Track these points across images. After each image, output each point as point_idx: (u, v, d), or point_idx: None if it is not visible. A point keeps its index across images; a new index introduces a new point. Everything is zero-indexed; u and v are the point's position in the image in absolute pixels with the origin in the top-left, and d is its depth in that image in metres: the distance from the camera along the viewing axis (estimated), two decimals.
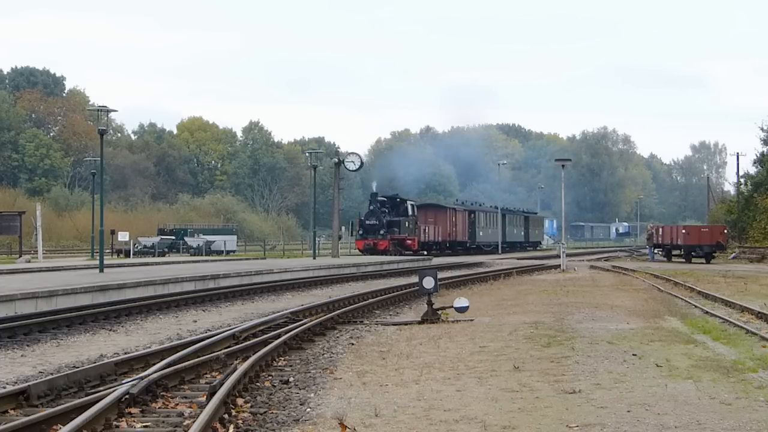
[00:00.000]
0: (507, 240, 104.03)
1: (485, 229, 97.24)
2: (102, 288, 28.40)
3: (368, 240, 73.54)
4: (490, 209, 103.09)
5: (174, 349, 15.88)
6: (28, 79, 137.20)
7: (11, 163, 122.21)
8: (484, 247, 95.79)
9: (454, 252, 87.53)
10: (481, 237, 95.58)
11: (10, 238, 73.96)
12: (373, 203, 75.88)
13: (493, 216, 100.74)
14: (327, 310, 24.30)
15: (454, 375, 13.93)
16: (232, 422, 10.75)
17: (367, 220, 74.74)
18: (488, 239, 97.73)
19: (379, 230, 73.52)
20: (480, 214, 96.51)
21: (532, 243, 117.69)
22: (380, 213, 74.38)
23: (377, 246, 72.66)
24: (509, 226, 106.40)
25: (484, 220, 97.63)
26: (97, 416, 10.19)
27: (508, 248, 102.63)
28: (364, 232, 74.23)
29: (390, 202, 76.92)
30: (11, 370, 15.12)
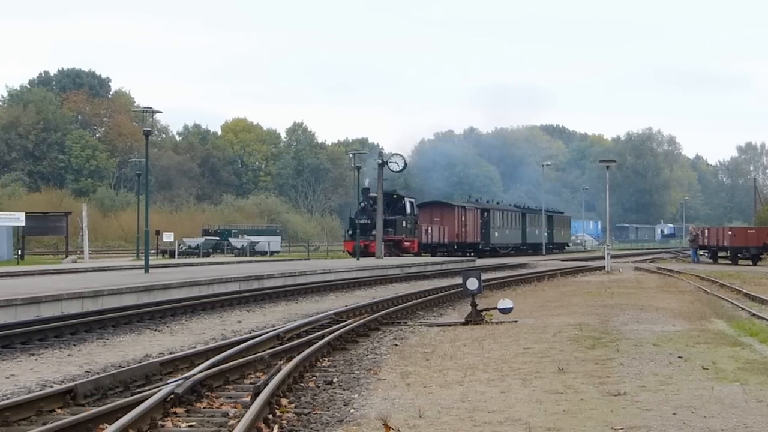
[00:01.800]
0: (527, 241, 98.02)
1: (501, 229, 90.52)
2: (147, 288, 28.57)
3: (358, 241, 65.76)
4: (509, 208, 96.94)
5: (219, 349, 15.93)
6: (75, 81, 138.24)
7: (58, 164, 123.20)
8: (500, 249, 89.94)
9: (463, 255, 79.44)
10: (497, 238, 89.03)
11: (57, 239, 74.59)
12: (365, 200, 69.06)
13: (512, 215, 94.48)
14: (371, 310, 24.31)
15: (498, 376, 13.89)
16: (277, 422, 10.77)
17: (357, 219, 67.51)
18: (505, 240, 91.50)
19: (371, 230, 66.20)
20: (495, 213, 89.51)
21: (557, 245, 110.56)
22: (372, 211, 67.09)
23: (369, 248, 65.73)
24: (530, 226, 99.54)
25: (501, 219, 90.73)
26: (142, 416, 10.24)
27: (530, 250, 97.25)
28: (354, 232, 66.53)
29: (385, 200, 68.34)
30: (58, 369, 15.24)
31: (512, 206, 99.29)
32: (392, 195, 70.98)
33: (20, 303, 22.68)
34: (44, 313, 22.97)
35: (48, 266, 46.61)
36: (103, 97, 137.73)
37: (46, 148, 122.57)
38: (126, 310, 23.61)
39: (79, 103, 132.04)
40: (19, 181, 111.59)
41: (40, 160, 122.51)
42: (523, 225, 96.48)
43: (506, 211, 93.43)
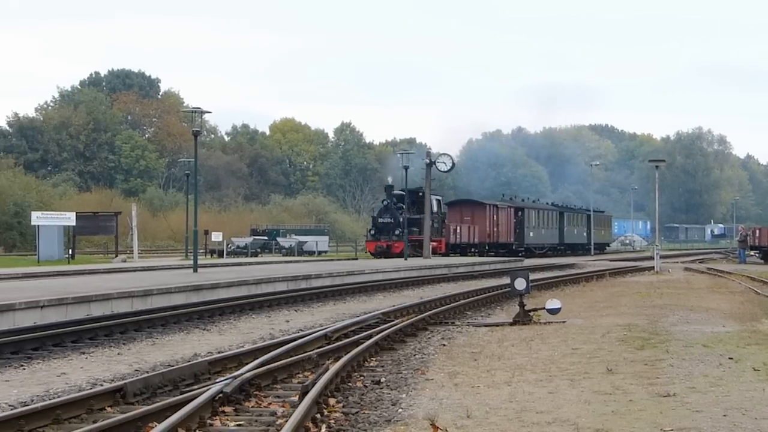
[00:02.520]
0: (565, 241, 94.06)
1: (537, 229, 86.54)
2: (196, 288, 28.73)
3: (380, 241, 64.44)
4: (545, 206, 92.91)
5: (267, 348, 15.99)
6: (124, 82, 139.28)
7: (108, 164, 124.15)
8: (536, 250, 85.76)
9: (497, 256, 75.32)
10: (532, 238, 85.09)
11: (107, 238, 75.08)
12: (388, 198, 66.68)
13: (549, 214, 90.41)
14: (418, 310, 24.30)
15: (547, 377, 13.84)
16: (324, 422, 10.79)
17: (380, 218, 65.69)
18: (541, 240, 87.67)
19: (394, 230, 64.32)
20: (530, 211, 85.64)
21: (597, 245, 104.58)
22: (396, 210, 64.93)
23: (391, 249, 63.49)
24: (568, 225, 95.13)
25: (536, 218, 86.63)
26: (191, 414, 10.30)
27: (568, 251, 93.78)
28: (377, 232, 65.07)
29: (410, 197, 66.14)
30: (108, 368, 15.36)
31: (549, 205, 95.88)
32: (417, 193, 68.33)
33: (71, 302, 22.88)
34: (94, 312, 23.16)
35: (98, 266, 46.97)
36: (152, 98, 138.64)
37: (97, 148, 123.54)
38: (175, 310, 23.75)
39: (129, 103, 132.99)
40: (69, 181, 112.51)
41: (90, 160, 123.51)
42: (560, 224, 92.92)
43: (542, 210, 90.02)
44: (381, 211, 66.15)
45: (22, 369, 15.29)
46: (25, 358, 16.43)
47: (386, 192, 67.49)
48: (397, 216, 64.27)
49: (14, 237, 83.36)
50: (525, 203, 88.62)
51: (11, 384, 13.81)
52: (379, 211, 66.71)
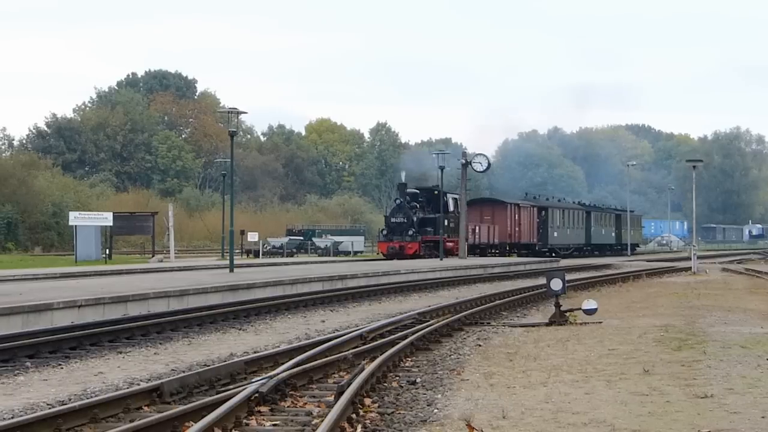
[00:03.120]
0: (592, 242, 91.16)
1: (561, 228, 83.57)
2: (232, 288, 28.82)
3: (393, 242, 60.87)
4: (570, 205, 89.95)
5: (302, 348, 16.01)
6: (161, 82, 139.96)
7: (145, 164, 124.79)
8: (560, 251, 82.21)
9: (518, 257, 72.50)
10: (556, 238, 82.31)
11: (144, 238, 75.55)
12: (401, 197, 63.01)
13: (574, 213, 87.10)
14: (454, 311, 24.27)
15: (583, 378, 13.79)
16: (360, 422, 10.79)
17: (392, 218, 62.13)
18: (566, 241, 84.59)
19: (408, 230, 60.91)
20: (554, 211, 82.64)
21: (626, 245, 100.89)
22: (409, 209, 61.60)
23: (404, 250, 60.11)
24: (595, 225, 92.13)
25: (561, 218, 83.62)
26: (227, 414, 10.33)
27: (596, 252, 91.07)
28: (389, 232, 61.62)
29: (425, 196, 63.87)
30: (145, 367, 15.43)
31: (575, 204, 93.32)
32: (433, 191, 64.95)
33: (108, 302, 23.01)
34: (131, 312, 23.27)
35: (135, 265, 47.23)
36: (189, 98, 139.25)
37: (134, 148, 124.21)
38: (211, 309, 23.82)
39: (165, 104, 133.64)
40: (107, 181, 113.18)
41: (127, 160, 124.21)
42: (587, 224, 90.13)
43: (567, 209, 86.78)
44: (393, 211, 62.95)
45: (60, 368, 15.39)
46: (63, 357, 16.54)
47: (399, 190, 64.71)
48: (410, 215, 61.52)
49: (52, 237, 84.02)
50: (549, 202, 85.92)
51: (49, 383, 13.90)
52: (391, 211, 63.67)
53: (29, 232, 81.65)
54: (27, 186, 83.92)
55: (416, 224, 60.90)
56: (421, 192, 64.20)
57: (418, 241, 60.48)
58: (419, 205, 62.60)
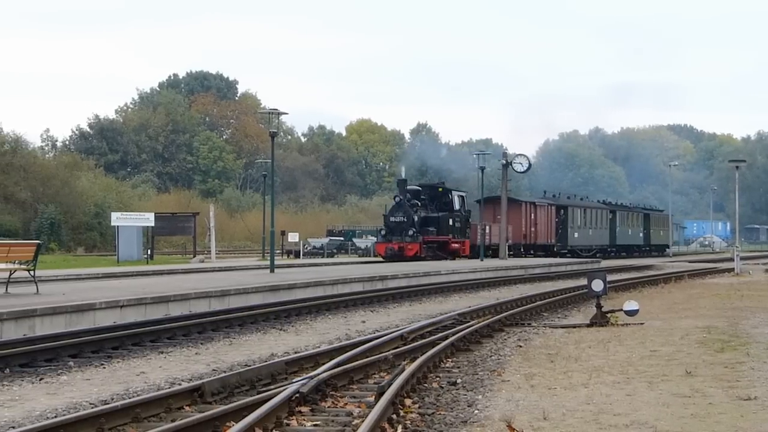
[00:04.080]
0: (617, 243, 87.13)
1: (583, 229, 79.55)
2: (273, 288, 28.91)
3: (392, 243, 56.17)
4: (593, 204, 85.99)
5: (343, 349, 16.04)
6: (202, 83, 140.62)
7: (186, 165, 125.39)
8: (582, 252, 78.31)
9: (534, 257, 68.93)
10: (576, 239, 78.38)
11: (185, 239, 75.82)
12: (401, 194, 58.06)
13: (597, 213, 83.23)
14: (494, 312, 24.24)
15: (624, 379, 13.73)
16: (401, 422, 10.79)
17: (391, 217, 57.22)
18: (587, 242, 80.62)
19: (408, 230, 56.32)
20: (575, 210, 78.59)
21: (655, 247, 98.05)
22: (410, 207, 57.08)
23: (404, 251, 55.56)
24: (621, 225, 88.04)
25: (582, 217, 79.55)
26: (268, 414, 10.36)
27: (623, 253, 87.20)
28: (388, 232, 57.02)
29: (428, 193, 60.10)
30: (186, 367, 15.50)
31: (599, 202, 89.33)
32: (437, 188, 61.63)
33: (150, 302, 23.14)
34: (173, 312, 23.39)
35: (176, 266, 47.43)
36: (230, 99, 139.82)
37: (175, 149, 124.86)
38: (252, 310, 23.91)
39: (206, 105, 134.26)
40: (148, 182, 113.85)
41: (168, 161, 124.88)
42: (611, 224, 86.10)
43: (589, 208, 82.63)
44: (392, 209, 57.78)
45: (103, 368, 15.49)
46: (105, 357, 16.65)
47: (399, 187, 59.47)
48: (411, 214, 56.71)
49: (95, 237, 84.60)
50: (569, 201, 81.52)
51: (92, 382, 14.00)
52: (390, 209, 58.35)
53: (72, 232, 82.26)
54: (70, 187, 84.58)
55: (417, 224, 56.82)
56: (423, 189, 60.59)
57: (419, 242, 56.22)
58: (421, 203, 58.75)
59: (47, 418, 11.17)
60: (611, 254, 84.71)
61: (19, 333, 18.60)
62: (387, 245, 55.96)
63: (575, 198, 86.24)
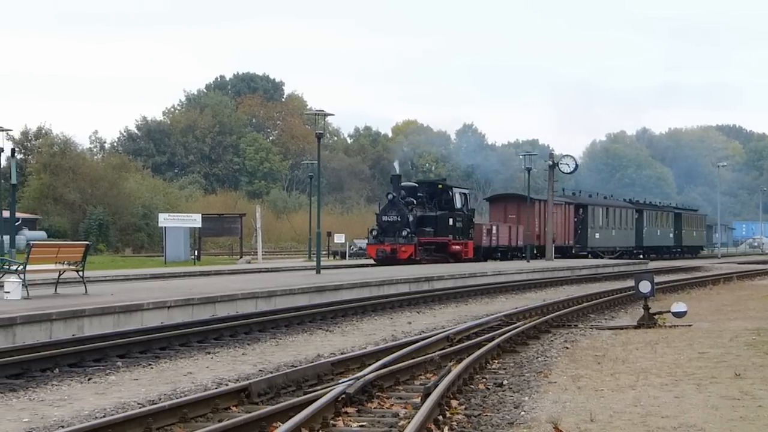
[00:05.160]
0: (644, 244, 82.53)
1: (605, 229, 74.76)
2: (319, 289, 28.95)
3: (384, 245, 50.95)
4: (617, 203, 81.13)
5: (389, 350, 16.03)
6: (249, 85, 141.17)
7: (233, 166, 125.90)
8: (604, 254, 73.15)
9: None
10: (598, 240, 73.69)
11: (231, 240, 76.24)
12: (395, 191, 52.75)
13: (621, 212, 78.41)
14: (541, 313, 24.14)
15: (672, 381, 13.63)
16: (447, 424, 10.78)
17: (383, 216, 51.95)
18: (610, 243, 75.73)
19: (401, 230, 51.03)
20: (596, 209, 73.68)
21: (688, 248, 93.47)
22: (404, 206, 51.74)
23: (397, 254, 50.33)
24: (649, 225, 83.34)
25: (603, 217, 74.69)
26: (314, 415, 10.38)
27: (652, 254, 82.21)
28: (380, 232, 51.77)
29: (426, 191, 55.14)
30: (233, 368, 15.56)
31: (624, 201, 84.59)
32: (437, 185, 57.12)
33: (197, 303, 23.25)
34: (220, 313, 23.49)
35: (223, 267, 47.68)
36: (276, 101, 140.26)
37: (222, 150, 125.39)
38: (298, 311, 23.96)
39: (253, 106, 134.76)
40: (195, 183, 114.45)
41: (215, 162, 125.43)
42: (638, 224, 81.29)
43: (612, 207, 77.44)
44: (385, 208, 52.54)
45: (150, 368, 15.58)
46: (152, 357, 16.75)
47: (392, 183, 54.35)
48: (405, 213, 51.45)
49: (142, 238, 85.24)
50: (589, 199, 76.25)
51: (140, 383, 14.09)
52: (383, 208, 53.14)
53: (120, 233, 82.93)
54: (118, 188, 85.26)
55: (412, 223, 51.58)
56: (420, 186, 55.73)
57: (414, 244, 50.87)
58: (418, 201, 53.40)
59: (96, 417, 11.26)
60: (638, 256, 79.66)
61: (68, 333, 18.76)
62: (378, 247, 50.95)
63: (598, 196, 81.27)
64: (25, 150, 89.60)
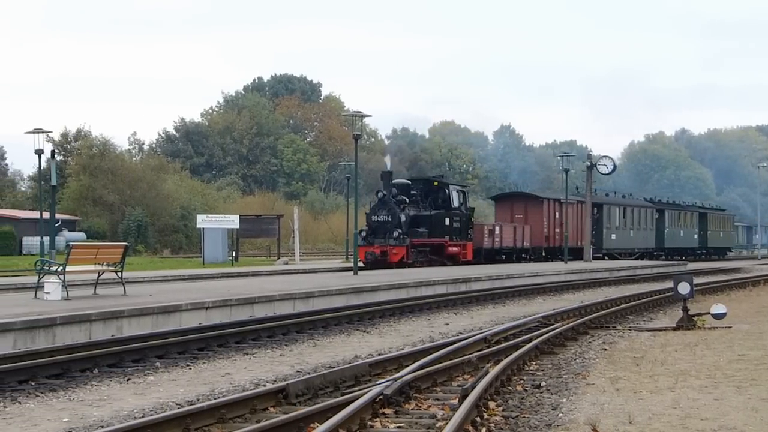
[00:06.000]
0: (666, 245, 78.04)
1: (622, 230, 70.71)
2: (356, 290, 28.98)
3: (373, 246, 46.83)
4: (636, 202, 77.23)
5: (426, 351, 16.03)
6: (287, 86, 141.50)
7: (270, 167, 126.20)
8: (620, 256, 69.33)
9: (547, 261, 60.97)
10: (614, 241, 69.56)
11: (269, 241, 76.40)
12: (385, 189, 48.74)
13: (640, 212, 74.55)
14: (579, 314, 24.06)
15: (712, 383, 13.55)
16: (484, 425, 10.77)
17: (373, 216, 48.08)
18: (627, 244, 71.81)
19: (392, 231, 47.02)
20: (612, 208, 69.26)
21: (714, 250, 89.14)
22: (396, 204, 47.87)
23: (387, 256, 46.37)
24: (670, 226, 79.19)
25: (620, 216, 70.53)
26: (352, 416, 10.39)
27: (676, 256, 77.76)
28: (370, 233, 47.70)
29: (420, 188, 51.32)
30: (270, 368, 15.60)
31: (644, 200, 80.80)
32: (432, 182, 52.78)
33: (234, 303, 23.34)
34: (257, 314, 23.57)
35: (260, 268, 47.77)
36: (314, 102, 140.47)
37: (259, 152, 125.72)
38: (336, 312, 23.99)
39: (290, 107, 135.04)
40: (233, 184, 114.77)
41: (253, 164, 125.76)
42: (658, 225, 77.32)
43: (630, 207, 73.54)
44: (375, 207, 48.66)
45: (189, 368, 15.65)
46: (191, 357, 16.82)
47: (383, 181, 49.88)
48: (396, 212, 47.53)
49: (180, 239, 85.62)
50: (606, 198, 71.99)
51: (178, 383, 14.15)
52: (372, 206, 49.36)
53: (158, 234, 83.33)
54: (156, 189, 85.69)
55: (404, 223, 47.56)
56: (414, 183, 51.73)
57: (406, 245, 46.87)
58: (411, 199, 49.57)
59: (135, 417, 11.32)
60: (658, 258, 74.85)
61: (107, 333, 18.89)
62: (367, 249, 46.59)
63: (616, 195, 77.17)
64: (65, 152, 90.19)
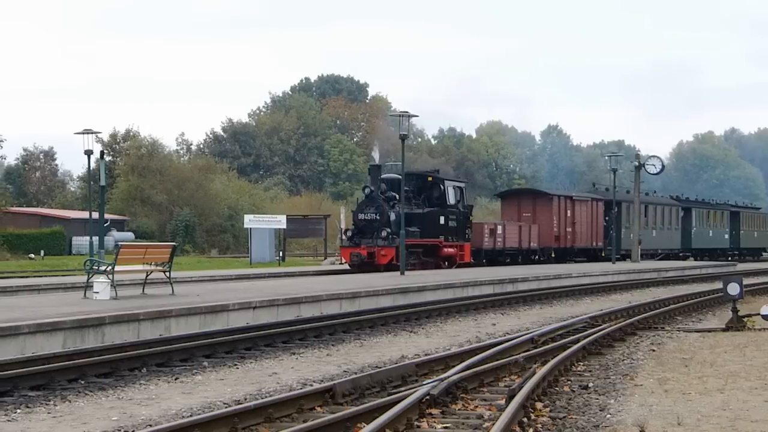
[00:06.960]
0: (693, 246, 73.42)
1: (643, 229, 64.27)
2: (402, 290, 28.97)
3: (359, 248, 42.67)
4: (659, 200, 72.11)
5: (473, 351, 16.00)
6: (334, 87, 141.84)
7: (317, 167, 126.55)
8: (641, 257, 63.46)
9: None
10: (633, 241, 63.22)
11: (316, 241, 76.58)
12: (373, 184, 44.68)
13: (663, 210, 69.89)
14: (627, 315, 23.94)
15: (762, 385, 13.43)
16: (531, 426, 10.73)
17: (360, 213, 43.83)
18: (650, 245, 66.06)
19: (380, 230, 42.76)
20: (631, 206, 63.73)
21: (747, 250, 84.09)
22: (385, 201, 43.65)
23: (374, 258, 42.43)
24: (698, 225, 74.50)
25: (640, 215, 63.10)
26: (398, 416, 10.38)
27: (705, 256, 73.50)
28: (356, 233, 43.63)
29: (413, 184, 46.41)
30: (317, 368, 15.63)
31: (668, 198, 76.18)
32: (426, 177, 48.31)
33: (282, 303, 23.41)
34: (304, 314, 23.63)
35: (307, 268, 47.88)
36: (360, 102, 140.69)
37: (306, 152, 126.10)
38: (382, 312, 24.01)
39: (337, 108, 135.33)
40: (280, 184, 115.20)
41: (300, 164, 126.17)
42: (684, 224, 72.65)
43: (653, 205, 68.84)
44: (362, 204, 44.42)
45: (236, 368, 15.71)
46: (238, 357, 16.88)
47: (371, 175, 46.27)
48: (385, 210, 43.25)
49: (228, 239, 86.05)
50: (626, 195, 66.77)
51: (225, 383, 14.21)
52: (359, 204, 45.02)
53: (206, 234, 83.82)
54: (204, 189, 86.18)
55: (394, 222, 42.43)
56: (406, 179, 43.48)
57: (395, 246, 41.52)
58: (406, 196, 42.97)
59: (182, 417, 11.38)
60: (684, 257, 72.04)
61: (155, 333, 19.00)
62: (353, 250, 42.85)
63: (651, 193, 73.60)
64: (114, 152, 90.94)
